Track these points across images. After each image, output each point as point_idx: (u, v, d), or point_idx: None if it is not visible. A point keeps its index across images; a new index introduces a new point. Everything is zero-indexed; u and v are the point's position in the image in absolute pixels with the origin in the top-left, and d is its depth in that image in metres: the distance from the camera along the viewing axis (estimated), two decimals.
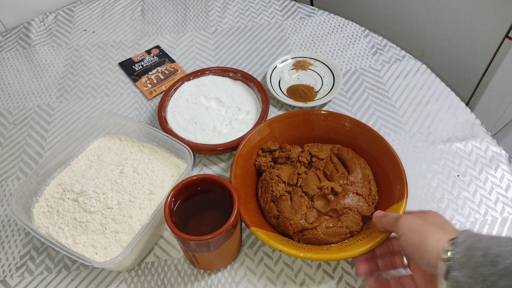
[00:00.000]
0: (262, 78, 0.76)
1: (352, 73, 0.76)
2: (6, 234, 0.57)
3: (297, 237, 0.51)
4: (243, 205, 0.51)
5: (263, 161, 0.58)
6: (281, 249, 0.46)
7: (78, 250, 0.49)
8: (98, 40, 0.85)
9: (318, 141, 0.61)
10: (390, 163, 0.54)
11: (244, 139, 0.58)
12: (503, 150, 0.63)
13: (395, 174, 0.53)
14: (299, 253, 0.46)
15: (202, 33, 0.85)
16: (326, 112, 0.60)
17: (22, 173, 0.64)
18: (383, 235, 0.47)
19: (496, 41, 0.84)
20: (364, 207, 0.52)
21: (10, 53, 0.83)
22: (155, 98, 0.74)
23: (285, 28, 0.85)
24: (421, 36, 0.99)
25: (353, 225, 0.51)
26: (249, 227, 0.48)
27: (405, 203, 0.49)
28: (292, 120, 0.61)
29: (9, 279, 0.53)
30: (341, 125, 0.60)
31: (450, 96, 0.71)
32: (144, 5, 0.92)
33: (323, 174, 0.55)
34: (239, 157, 0.56)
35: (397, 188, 0.52)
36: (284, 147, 0.58)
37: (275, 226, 0.53)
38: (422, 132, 0.66)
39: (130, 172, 0.56)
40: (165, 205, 0.45)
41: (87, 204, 0.52)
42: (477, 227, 0.55)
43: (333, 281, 0.51)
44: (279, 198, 0.53)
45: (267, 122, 0.60)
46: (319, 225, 0.50)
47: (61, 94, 0.75)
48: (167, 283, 0.52)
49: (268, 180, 0.55)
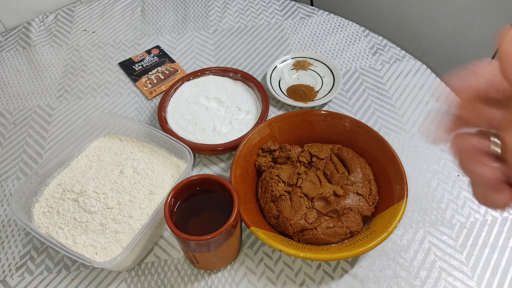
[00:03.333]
0: (262, 78, 0.76)
1: (352, 73, 0.76)
2: (6, 234, 0.57)
3: (297, 237, 0.51)
4: (243, 205, 0.51)
5: (263, 161, 0.58)
6: (281, 249, 0.46)
7: (78, 250, 0.49)
8: (98, 40, 0.85)
9: (318, 141, 0.61)
10: (390, 163, 0.54)
11: (244, 139, 0.58)
12: None
13: (395, 174, 0.53)
14: (299, 253, 0.46)
15: (202, 33, 0.85)
16: (326, 112, 0.60)
17: (22, 173, 0.64)
18: (383, 235, 0.47)
19: (496, 41, 0.83)
20: (365, 207, 0.52)
21: (10, 53, 0.83)
22: (155, 98, 0.74)
23: (285, 28, 0.85)
24: (421, 36, 0.99)
25: (353, 225, 0.51)
26: (249, 227, 0.48)
27: (405, 203, 0.49)
28: (292, 120, 0.61)
29: (9, 279, 0.53)
30: (341, 125, 0.60)
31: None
32: (144, 5, 0.92)
33: (323, 174, 0.56)
34: (239, 157, 0.56)
35: (397, 188, 0.52)
36: (284, 147, 0.58)
37: (275, 226, 0.53)
38: (422, 132, 0.66)
39: (130, 172, 0.56)
40: (165, 205, 0.45)
41: (87, 204, 0.52)
42: (477, 227, 0.55)
43: (333, 281, 0.51)
44: (278, 198, 0.53)
45: (267, 122, 0.60)
46: (319, 225, 0.50)
47: (61, 94, 0.75)
48: (167, 283, 0.52)
49: (268, 180, 0.55)
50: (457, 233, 0.55)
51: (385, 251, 0.53)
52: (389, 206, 0.51)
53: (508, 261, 0.52)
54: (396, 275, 0.51)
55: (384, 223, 0.49)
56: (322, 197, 0.53)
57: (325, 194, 0.52)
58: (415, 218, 0.56)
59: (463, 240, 0.54)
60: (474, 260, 0.52)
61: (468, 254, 0.53)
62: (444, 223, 0.56)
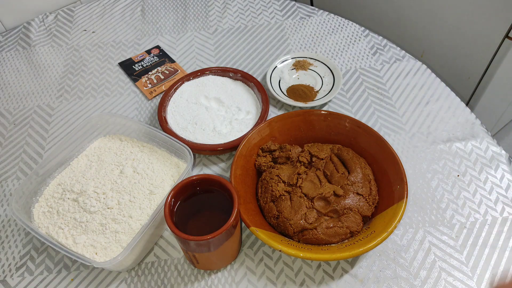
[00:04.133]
0: (262, 78, 0.76)
1: (352, 73, 0.76)
2: (6, 234, 0.57)
3: (297, 237, 0.51)
4: (243, 205, 0.51)
5: (263, 161, 0.58)
6: (281, 249, 0.46)
7: (78, 250, 0.49)
8: (98, 40, 0.85)
9: (318, 141, 0.61)
10: (390, 163, 0.54)
11: (244, 139, 0.58)
12: (503, 150, 0.63)
13: (395, 174, 0.53)
14: (299, 253, 0.46)
15: (202, 33, 0.85)
16: (326, 112, 0.60)
17: (22, 173, 0.64)
18: (383, 234, 0.47)
19: (496, 41, 0.84)
20: (365, 207, 0.52)
21: (10, 53, 0.83)
22: (155, 98, 0.74)
23: (285, 28, 0.85)
24: (421, 36, 0.99)
25: (353, 225, 0.51)
26: (249, 227, 0.48)
27: (405, 203, 0.49)
28: (292, 120, 0.61)
29: (9, 279, 0.53)
30: (341, 125, 0.60)
31: (450, 96, 0.71)
32: (144, 5, 0.92)
33: (323, 174, 0.56)
34: (239, 157, 0.56)
35: (397, 188, 0.52)
36: (284, 147, 0.58)
37: (275, 226, 0.53)
38: (422, 132, 0.66)
39: (130, 172, 0.56)
40: (165, 205, 0.45)
41: (87, 204, 0.52)
42: (477, 227, 0.55)
43: (333, 281, 0.51)
44: (278, 198, 0.53)
45: (267, 122, 0.60)
46: (319, 225, 0.50)
47: (61, 94, 0.75)
48: (167, 283, 0.52)
49: (268, 180, 0.55)
50: (457, 233, 0.55)
51: (385, 251, 0.53)
52: (389, 206, 0.51)
53: (508, 261, 0.52)
54: (396, 275, 0.51)
55: (384, 223, 0.49)
56: (322, 197, 0.53)
57: (325, 194, 0.52)
58: (415, 218, 0.56)
59: (463, 240, 0.54)
60: (474, 260, 0.52)
61: (468, 254, 0.53)
62: (444, 223, 0.56)
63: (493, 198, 0.58)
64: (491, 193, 0.59)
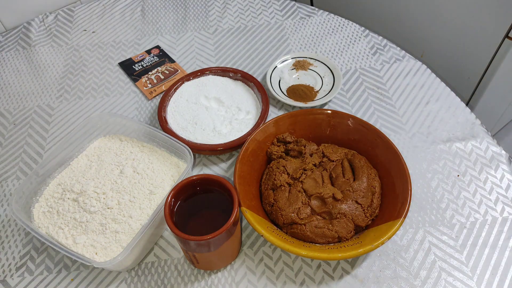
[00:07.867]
0: (262, 78, 0.76)
1: (352, 73, 0.76)
2: (6, 234, 0.57)
3: (286, 229, 0.52)
4: (243, 186, 0.52)
5: (275, 150, 0.58)
6: (263, 234, 0.47)
7: (78, 250, 0.49)
8: (98, 40, 0.85)
9: (336, 143, 0.61)
10: (400, 179, 0.53)
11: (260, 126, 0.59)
12: (503, 150, 0.63)
13: (401, 192, 0.52)
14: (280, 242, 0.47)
15: (202, 33, 0.85)
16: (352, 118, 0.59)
17: (22, 173, 0.64)
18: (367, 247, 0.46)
19: (496, 41, 0.84)
20: (360, 217, 0.52)
21: (10, 53, 0.83)
22: (155, 98, 0.74)
23: (285, 28, 0.85)
24: (421, 36, 0.99)
25: (343, 231, 0.50)
26: (240, 206, 0.49)
27: (400, 222, 0.48)
28: (315, 118, 0.61)
29: (9, 279, 0.53)
30: (363, 132, 0.59)
31: (450, 96, 0.71)
32: (144, 5, 0.92)
33: (328, 175, 0.56)
34: (252, 141, 0.57)
35: (399, 206, 0.50)
36: (300, 142, 0.59)
37: (269, 214, 0.54)
38: (422, 132, 0.66)
39: (130, 172, 0.56)
40: (165, 205, 0.45)
41: (87, 204, 0.52)
42: (477, 227, 0.55)
43: (333, 281, 0.51)
44: (278, 188, 0.54)
45: (288, 114, 0.60)
46: (309, 223, 0.51)
47: (61, 94, 0.75)
48: (167, 283, 0.52)
49: (274, 169, 0.56)
50: (457, 233, 0.55)
51: (385, 251, 0.53)
52: (384, 222, 0.50)
53: (508, 261, 0.52)
54: (396, 275, 0.51)
55: (375, 237, 0.48)
56: (320, 196, 0.53)
57: (324, 195, 0.52)
58: (415, 218, 0.56)
59: (463, 240, 0.54)
60: (474, 260, 0.52)
61: (468, 254, 0.53)
62: (444, 223, 0.56)
63: (493, 198, 0.58)
64: (491, 193, 0.59)
